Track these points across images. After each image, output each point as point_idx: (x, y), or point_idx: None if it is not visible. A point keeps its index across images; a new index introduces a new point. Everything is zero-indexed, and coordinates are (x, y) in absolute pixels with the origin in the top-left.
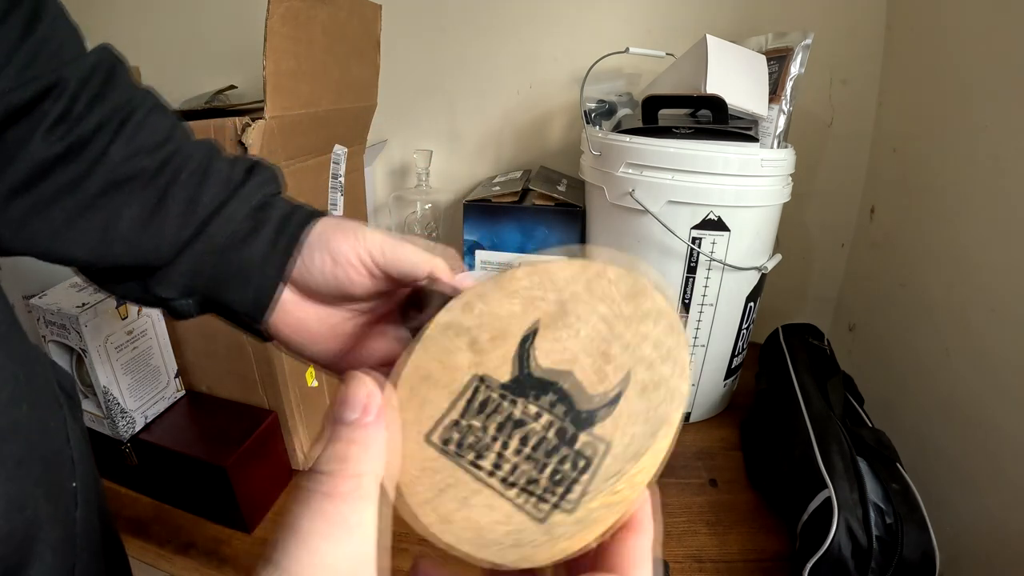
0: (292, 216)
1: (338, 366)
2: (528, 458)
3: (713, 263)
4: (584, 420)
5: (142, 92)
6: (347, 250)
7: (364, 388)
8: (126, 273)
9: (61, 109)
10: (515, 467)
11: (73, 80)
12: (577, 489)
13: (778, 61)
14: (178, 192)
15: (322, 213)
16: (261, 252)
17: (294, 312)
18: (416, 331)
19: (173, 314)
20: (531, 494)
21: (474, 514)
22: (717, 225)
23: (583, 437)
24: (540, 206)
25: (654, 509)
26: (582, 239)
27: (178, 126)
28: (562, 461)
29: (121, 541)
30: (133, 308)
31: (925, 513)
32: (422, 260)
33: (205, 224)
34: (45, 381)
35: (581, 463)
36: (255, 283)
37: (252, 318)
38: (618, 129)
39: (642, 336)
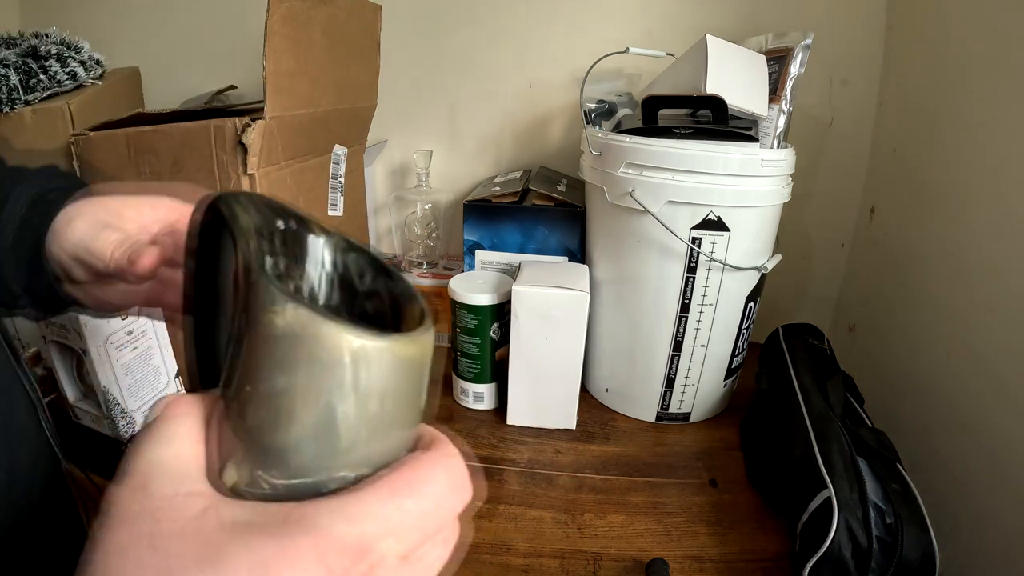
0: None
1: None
2: None
3: (713, 263)
4: None
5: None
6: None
7: None
8: None
9: None
10: None
11: None
12: None
13: (778, 61)
14: None
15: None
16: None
17: (94, 293)
18: None
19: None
20: None
21: None
22: (717, 225)
23: None
24: (540, 206)
25: None
26: (582, 239)
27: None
28: None
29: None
30: (133, 308)
31: (925, 513)
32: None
33: None
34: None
35: None
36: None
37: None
38: (618, 129)
39: None
